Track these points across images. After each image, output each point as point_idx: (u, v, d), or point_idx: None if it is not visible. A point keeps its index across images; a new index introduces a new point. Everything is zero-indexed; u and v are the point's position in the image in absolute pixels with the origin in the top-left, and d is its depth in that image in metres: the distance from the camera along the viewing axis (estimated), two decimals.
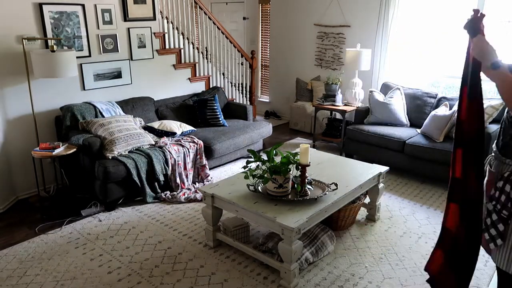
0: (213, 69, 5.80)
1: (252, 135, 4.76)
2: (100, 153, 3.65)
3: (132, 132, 3.88)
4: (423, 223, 3.43)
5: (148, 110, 4.57)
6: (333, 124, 5.42)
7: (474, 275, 2.72)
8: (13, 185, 3.81)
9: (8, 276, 2.71)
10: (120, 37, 4.42)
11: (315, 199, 2.73)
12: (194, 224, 3.40)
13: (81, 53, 4.10)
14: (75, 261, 2.89)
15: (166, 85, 5.03)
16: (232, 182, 3.06)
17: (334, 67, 5.94)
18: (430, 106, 4.53)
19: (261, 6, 7.09)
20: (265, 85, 7.42)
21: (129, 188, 3.70)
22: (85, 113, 3.99)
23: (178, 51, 5.07)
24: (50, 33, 3.84)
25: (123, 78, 4.52)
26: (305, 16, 6.14)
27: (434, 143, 4.02)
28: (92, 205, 3.66)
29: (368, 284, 2.65)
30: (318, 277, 2.71)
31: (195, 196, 3.81)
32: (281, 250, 2.53)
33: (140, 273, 2.75)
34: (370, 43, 5.39)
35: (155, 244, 3.11)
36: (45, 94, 3.92)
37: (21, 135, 3.81)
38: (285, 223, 2.46)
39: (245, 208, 2.68)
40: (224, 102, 5.30)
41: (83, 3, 4.04)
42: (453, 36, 4.83)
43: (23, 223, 3.43)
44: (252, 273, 2.75)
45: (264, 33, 7.19)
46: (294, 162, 2.73)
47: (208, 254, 2.97)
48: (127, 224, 3.41)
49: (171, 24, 5.10)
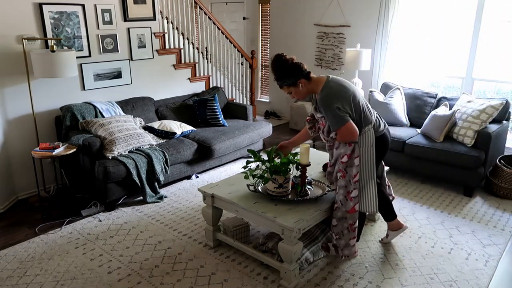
0: (213, 69, 5.80)
1: (252, 135, 4.76)
2: (100, 153, 3.65)
3: (132, 132, 3.88)
4: (423, 223, 3.43)
5: (148, 110, 4.57)
6: None
7: (474, 275, 2.73)
8: (13, 185, 3.81)
9: (8, 276, 2.71)
10: (120, 37, 4.42)
11: (315, 199, 2.73)
12: (194, 224, 3.40)
13: (81, 53, 4.10)
14: (75, 261, 2.89)
15: (166, 85, 5.03)
16: (232, 182, 3.06)
17: (334, 67, 5.94)
18: (430, 106, 4.53)
19: (261, 6, 7.09)
20: (265, 85, 7.41)
21: (129, 188, 3.70)
22: (85, 113, 3.99)
23: (178, 51, 5.07)
24: (50, 33, 3.84)
25: (123, 78, 4.52)
26: (305, 16, 6.14)
27: (434, 143, 4.02)
28: (92, 205, 3.66)
29: (368, 284, 2.65)
30: (318, 277, 2.71)
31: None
32: (281, 250, 2.53)
33: (140, 273, 2.75)
34: (370, 43, 5.39)
35: (155, 244, 3.11)
36: (45, 94, 3.92)
37: (21, 135, 3.81)
38: (285, 223, 2.46)
39: (245, 208, 2.68)
40: (224, 102, 5.30)
41: (83, 3, 4.04)
42: (453, 36, 4.83)
43: (23, 223, 3.43)
44: (252, 273, 2.75)
45: (264, 33, 7.19)
46: (294, 162, 2.73)
47: (208, 254, 2.97)
48: (127, 224, 3.41)
49: (171, 24, 5.10)
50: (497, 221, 3.47)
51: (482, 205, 3.76)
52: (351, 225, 2.72)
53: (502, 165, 3.97)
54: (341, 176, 2.67)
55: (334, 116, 2.55)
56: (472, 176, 3.84)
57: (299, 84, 2.63)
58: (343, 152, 2.66)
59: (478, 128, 3.87)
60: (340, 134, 2.59)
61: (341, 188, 2.68)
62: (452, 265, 2.84)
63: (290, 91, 2.70)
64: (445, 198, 3.91)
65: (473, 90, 4.84)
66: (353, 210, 2.69)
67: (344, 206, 2.69)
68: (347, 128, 2.55)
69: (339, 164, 2.69)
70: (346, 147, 2.64)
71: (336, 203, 2.71)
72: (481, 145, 3.84)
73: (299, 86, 2.63)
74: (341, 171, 2.67)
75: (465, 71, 4.83)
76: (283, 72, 2.61)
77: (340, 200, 2.69)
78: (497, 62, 4.66)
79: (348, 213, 2.69)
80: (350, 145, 2.63)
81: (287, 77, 2.61)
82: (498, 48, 4.64)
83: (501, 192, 3.91)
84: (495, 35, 4.62)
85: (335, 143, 2.73)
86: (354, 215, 2.70)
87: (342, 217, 2.71)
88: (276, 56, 2.65)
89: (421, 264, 2.85)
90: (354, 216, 2.70)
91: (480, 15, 4.59)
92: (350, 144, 2.63)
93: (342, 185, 2.68)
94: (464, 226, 3.38)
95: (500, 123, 4.06)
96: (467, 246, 3.09)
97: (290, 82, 2.62)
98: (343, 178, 2.67)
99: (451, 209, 3.67)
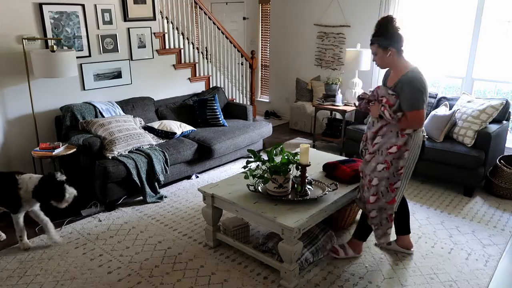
0: (213, 69, 5.80)
1: (252, 135, 4.76)
2: (100, 153, 3.65)
3: (132, 132, 3.88)
4: (423, 223, 3.43)
5: (148, 110, 4.57)
6: (333, 124, 5.42)
7: (474, 275, 2.73)
8: None
9: (8, 276, 2.71)
10: (120, 37, 4.42)
11: (315, 199, 2.73)
12: (194, 224, 3.40)
13: (81, 53, 4.10)
14: (75, 261, 2.89)
15: (166, 85, 5.03)
16: (232, 182, 3.06)
17: (334, 67, 5.94)
18: (430, 106, 4.52)
19: (261, 6, 7.09)
20: (265, 85, 7.41)
21: (129, 188, 3.70)
22: (85, 113, 3.99)
23: (178, 51, 5.07)
24: (50, 33, 3.84)
25: (123, 78, 4.53)
26: (305, 16, 6.14)
27: (434, 143, 4.02)
28: (92, 205, 3.66)
29: (368, 284, 2.65)
30: (318, 277, 2.71)
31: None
32: (281, 250, 2.53)
33: (140, 273, 2.75)
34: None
35: (155, 244, 3.11)
36: (45, 94, 3.92)
37: (21, 135, 3.81)
38: (285, 223, 2.46)
39: (245, 208, 2.68)
40: (224, 102, 5.30)
41: (83, 3, 4.04)
42: (453, 36, 4.83)
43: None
44: (252, 273, 2.75)
45: (264, 33, 7.19)
46: (294, 162, 2.73)
47: (208, 254, 2.97)
48: (127, 224, 3.41)
49: (171, 24, 5.10)
50: (497, 221, 3.47)
51: (482, 205, 3.76)
52: (390, 215, 2.71)
53: (502, 165, 3.97)
54: (385, 168, 2.60)
55: (415, 98, 2.49)
56: (472, 176, 3.84)
57: (389, 50, 2.56)
58: (393, 142, 2.58)
59: (478, 128, 3.87)
60: (411, 117, 2.50)
61: (383, 179, 2.62)
62: (452, 265, 2.84)
63: (375, 53, 2.62)
64: (445, 198, 3.91)
65: (473, 90, 4.84)
66: (394, 201, 2.67)
67: (384, 197, 2.65)
68: (420, 113, 2.50)
69: (385, 155, 2.60)
70: (398, 137, 2.56)
71: (376, 194, 2.65)
72: (481, 145, 3.84)
73: (387, 52, 2.57)
74: (386, 162, 2.59)
75: (465, 71, 4.83)
76: (384, 31, 2.54)
77: (381, 191, 2.65)
78: (497, 62, 4.66)
79: (388, 204, 2.67)
80: (403, 136, 2.55)
81: (385, 38, 2.54)
82: (498, 48, 4.64)
83: (501, 192, 3.91)
84: (495, 35, 4.62)
85: (382, 130, 2.63)
86: (393, 206, 2.69)
87: (382, 208, 2.69)
88: (389, 15, 2.61)
89: (421, 264, 2.85)
90: (393, 207, 2.69)
91: (480, 15, 4.59)
92: (403, 135, 2.55)
93: (385, 177, 2.61)
94: (464, 226, 3.38)
95: (500, 123, 4.05)
96: (467, 246, 3.09)
97: (384, 44, 2.55)
98: (387, 170, 2.60)
99: (451, 209, 3.67)
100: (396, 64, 2.61)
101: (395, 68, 2.64)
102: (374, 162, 2.66)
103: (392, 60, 2.60)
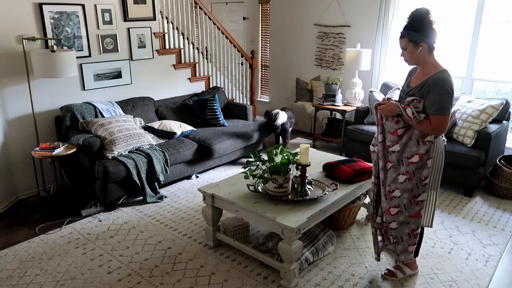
0: (213, 69, 5.80)
1: (252, 135, 4.75)
2: (100, 153, 3.65)
3: (132, 132, 3.88)
4: None
5: (148, 110, 4.57)
6: (333, 124, 5.42)
7: (474, 275, 2.73)
8: (13, 185, 3.81)
9: (8, 276, 2.71)
10: (120, 37, 4.42)
11: (315, 199, 2.73)
12: (194, 224, 3.40)
13: (81, 53, 4.10)
14: (75, 261, 2.89)
15: (166, 85, 5.03)
16: (232, 182, 3.06)
17: (334, 67, 5.94)
18: None
19: (261, 6, 7.09)
20: (265, 85, 7.41)
21: (129, 188, 3.70)
22: (85, 113, 3.99)
23: (178, 51, 5.07)
24: (50, 33, 3.84)
25: (123, 78, 4.52)
26: (305, 16, 6.14)
27: None
28: (92, 205, 3.66)
29: (368, 284, 2.65)
30: (318, 277, 2.71)
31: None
32: (281, 250, 2.53)
33: (140, 273, 2.75)
34: (370, 43, 5.38)
35: (155, 244, 3.11)
36: (45, 94, 3.92)
37: (21, 135, 3.81)
38: (285, 223, 2.46)
39: (245, 208, 2.68)
40: (224, 102, 5.30)
41: (83, 3, 4.04)
42: (453, 36, 4.83)
43: (23, 223, 3.42)
44: (252, 273, 2.75)
45: (264, 33, 7.19)
46: (294, 162, 2.73)
47: (208, 254, 2.97)
48: (127, 224, 3.41)
49: (171, 24, 5.10)
50: (497, 221, 3.47)
51: (482, 205, 3.76)
52: (413, 230, 2.50)
53: (502, 165, 3.97)
54: (408, 179, 2.41)
55: (443, 101, 2.29)
56: (472, 176, 3.84)
57: (420, 46, 2.34)
58: (414, 151, 2.38)
59: (478, 128, 3.87)
60: (434, 121, 2.31)
61: (405, 191, 2.43)
62: (452, 265, 2.85)
63: (405, 47, 2.39)
64: (445, 198, 3.91)
65: (473, 90, 4.84)
66: (419, 215, 2.46)
67: (407, 210, 2.45)
68: (446, 119, 2.31)
69: (407, 165, 2.40)
70: (420, 145, 2.37)
71: (398, 206, 2.46)
72: (481, 145, 3.84)
73: (418, 48, 2.34)
74: (408, 172, 2.40)
75: (465, 71, 4.83)
76: (418, 24, 2.32)
77: (404, 204, 2.45)
78: (497, 62, 4.66)
79: (411, 218, 2.47)
80: (425, 143, 2.36)
81: (417, 32, 2.32)
82: (498, 48, 4.64)
83: (501, 192, 3.91)
84: (495, 35, 4.62)
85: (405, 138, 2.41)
86: (418, 221, 2.48)
87: (404, 222, 2.49)
88: (424, 8, 2.34)
89: (421, 264, 2.85)
90: (418, 222, 2.48)
91: (480, 15, 4.59)
92: (424, 143, 2.36)
93: (408, 188, 2.42)
94: (464, 226, 3.38)
95: (500, 123, 4.06)
96: (467, 246, 3.09)
97: (415, 38, 2.32)
98: (410, 181, 2.41)
99: (451, 209, 3.67)
100: (426, 62, 2.40)
101: (424, 66, 2.43)
102: (394, 172, 2.47)
103: (422, 57, 2.38)
